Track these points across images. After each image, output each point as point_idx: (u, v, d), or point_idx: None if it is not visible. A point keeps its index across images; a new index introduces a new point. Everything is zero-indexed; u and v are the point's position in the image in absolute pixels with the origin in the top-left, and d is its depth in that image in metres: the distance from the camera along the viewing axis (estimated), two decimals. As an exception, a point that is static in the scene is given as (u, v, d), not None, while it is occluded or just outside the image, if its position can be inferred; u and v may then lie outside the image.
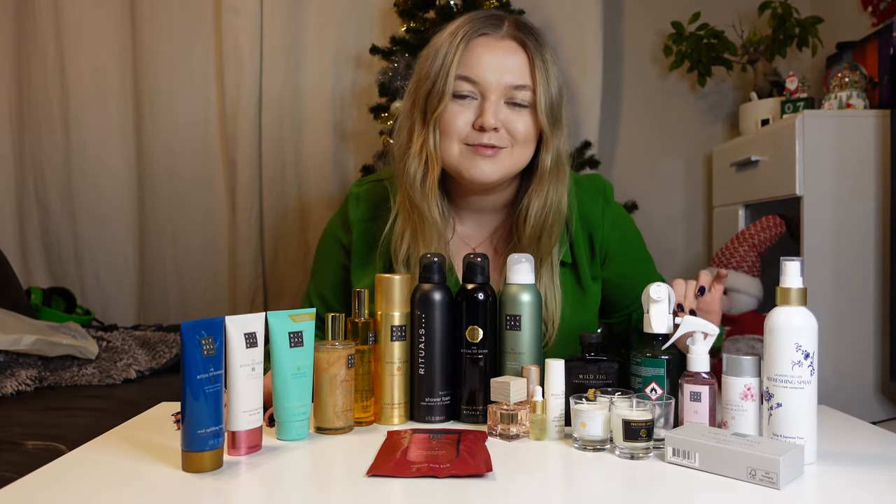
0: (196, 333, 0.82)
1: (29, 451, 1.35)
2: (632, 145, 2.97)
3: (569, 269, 1.19)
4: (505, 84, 1.08)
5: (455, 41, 1.09)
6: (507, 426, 0.94)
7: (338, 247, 1.25)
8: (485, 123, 1.07)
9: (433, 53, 1.11)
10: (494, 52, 1.09)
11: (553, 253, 1.15)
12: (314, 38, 2.80)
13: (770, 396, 0.85)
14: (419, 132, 1.12)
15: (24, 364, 1.86)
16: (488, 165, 1.09)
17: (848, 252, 2.13)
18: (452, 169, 1.12)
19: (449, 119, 1.09)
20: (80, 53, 2.85)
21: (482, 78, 1.08)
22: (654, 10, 2.92)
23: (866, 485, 0.79)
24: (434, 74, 1.09)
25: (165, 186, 2.89)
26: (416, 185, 1.12)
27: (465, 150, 1.10)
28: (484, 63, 1.08)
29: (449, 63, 1.08)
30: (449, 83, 1.08)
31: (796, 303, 0.85)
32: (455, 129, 1.09)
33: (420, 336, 1.03)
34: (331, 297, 1.26)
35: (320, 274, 1.28)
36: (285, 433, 0.95)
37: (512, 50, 1.10)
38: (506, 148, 1.10)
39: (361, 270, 1.20)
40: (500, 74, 1.08)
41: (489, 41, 1.10)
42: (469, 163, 1.10)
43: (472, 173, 1.10)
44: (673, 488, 0.78)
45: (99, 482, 0.80)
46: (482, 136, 1.08)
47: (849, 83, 2.26)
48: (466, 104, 1.10)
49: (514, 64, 1.09)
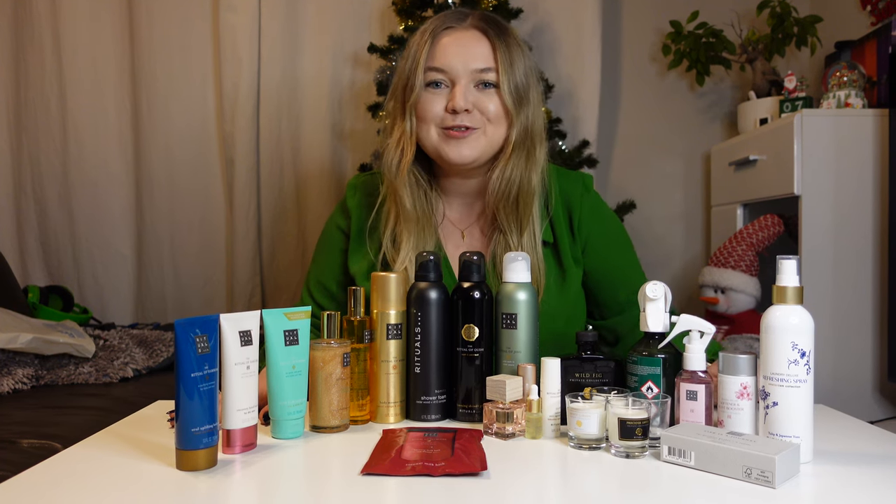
0: (190, 331, 0.81)
1: (24, 450, 1.35)
2: (630, 144, 2.97)
3: (550, 249, 1.24)
4: (471, 69, 1.16)
5: (424, 37, 1.18)
6: (503, 425, 0.94)
7: (339, 233, 1.31)
8: (456, 105, 1.15)
9: (407, 51, 1.21)
10: (459, 41, 1.18)
11: (535, 225, 1.21)
12: (312, 36, 2.80)
13: (766, 395, 0.85)
14: (398, 124, 1.21)
15: (20, 362, 1.85)
16: (464, 147, 1.17)
17: (846, 251, 2.13)
18: (433, 153, 1.20)
19: (424, 106, 1.18)
20: (78, 52, 2.84)
21: (449, 66, 1.16)
22: (652, 9, 2.92)
23: (862, 484, 0.78)
24: (408, 70, 1.19)
25: (163, 185, 2.88)
26: (392, 170, 1.20)
27: (441, 134, 1.18)
28: (450, 52, 1.17)
29: (419, 57, 1.17)
30: (419, 74, 1.17)
31: (792, 301, 0.84)
32: (430, 114, 1.17)
33: (416, 334, 1.02)
34: (334, 287, 1.30)
35: (321, 260, 1.33)
36: (280, 432, 0.94)
37: (475, 38, 1.18)
38: (479, 128, 1.17)
39: (357, 254, 1.26)
40: (465, 60, 1.16)
41: (454, 32, 1.19)
42: (446, 146, 1.17)
43: (451, 155, 1.17)
44: (668, 487, 0.78)
45: (92, 480, 0.80)
46: (455, 118, 1.16)
47: (847, 82, 2.25)
48: (439, 91, 1.18)
49: (478, 50, 1.17)
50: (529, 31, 2.74)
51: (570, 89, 2.77)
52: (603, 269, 1.26)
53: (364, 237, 1.26)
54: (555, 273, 1.22)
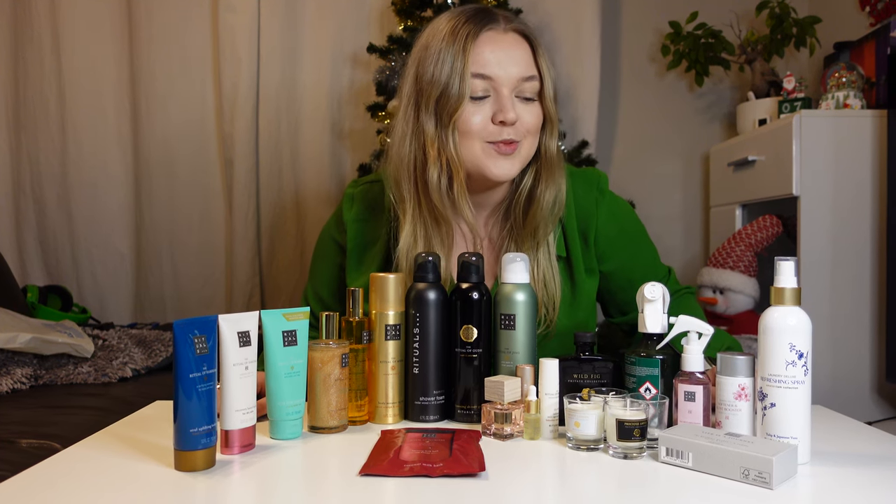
0: (189, 332, 0.81)
1: (23, 450, 1.35)
2: (629, 145, 2.97)
3: (563, 263, 1.19)
4: (516, 77, 1.09)
5: (459, 42, 1.07)
6: (501, 425, 0.94)
7: (334, 246, 1.25)
8: (507, 118, 1.07)
9: (433, 56, 1.09)
10: (501, 45, 1.09)
11: (549, 239, 1.16)
12: (312, 36, 2.80)
13: (764, 396, 0.85)
14: (432, 137, 1.10)
15: (19, 362, 1.85)
16: (509, 163, 1.10)
17: (845, 252, 2.13)
18: (473, 168, 1.11)
19: (468, 119, 1.08)
20: (77, 52, 2.84)
21: (495, 73, 1.08)
22: (651, 10, 2.92)
23: (859, 484, 0.78)
24: (445, 77, 1.07)
25: (162, 185, 2.88)
26: (442, 193, 1.11)
27: (486, 149, 1.10)
28: (494, 58, 1.08)
29: (462, 65, 1.07)
30: (466, 84, 1.07)
31: (790, 302, 0.85)
32: (475, 128, 1.09)
33: (414, 335, 1.02)
34: (328, 297, 1.27)
35: (317, 274, 1.29)
36: (279, 432, 0.94)
37: (517, 42, 1.11)
38: (520, 141, 1.11)
39: (356, 271, 1.21)
40: (509, 67, 1.08)
41: (494, 36, 1.10)
42: (491, 162, 1.10)
43: (495, 172, 1.10)
44: (666, 488, 0.78)
45: (91, 481, 0.80)
46: (503, 132, 1.09)
47: (846, 83, 2.26)
48: (484, 102, 1.09)
49: (520, 56, 1.10)
50: (529, 32, 2.74)
51: (570, 89, 2.77)
52: (623, 270, 1.23)
53: (363, 253, 1.20)
54: (567, 289, 1.18)
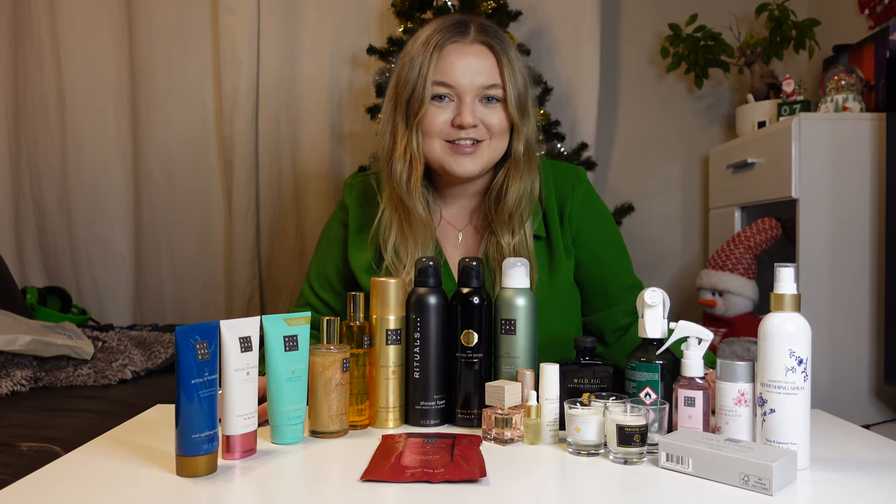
0: (190, 338, 0.82)
1: (23, 453, 1.35)
2: (628, 147, 2.97)
3: (543, 243, 1.26)
4: (478, 85, 1.18)
5: (428, 50, 1.18)
6: (502, 430, 0.94)
7: (340, 226, 1.34)
8: (463, 122, 1.17)
9: (409, 61, 1.21)
10: (465, 56, 1.19)
11: (526, 225, 1.24)
12: (311, 37, 2.80)
13: (763, 402, 0.85)
14: (402, 134, 1.21)
15: (19, 364, 1.85)
16: (469, 161, 1.20)
17: (843, 255, 2.13)
18: (437, 165, 1.22)
19: (430, 120, 1.19)
20: (77, 53, 2.84)
21: (456, 82, 1.18)
22: (651, 12, 2.92)
23: (859, 490, 0.79)
24: (413, 81, 1.19)
25: (162, 187, 2.88)
26: (402, 185, 1.21)
27: (445, 147, 1.20)
28: (458, 68, 1.18)
29: (426, 71, 1.18)
30: (427, 89, 1.17)
31: (790, 309, 0.85)
32: (435, 128, 1.19)
33: (415, 340, 1.03)
34: (332, 275, 1.33)
35: (323, 252, 1.36)
36: (280, 437, 0.95)
37: (482, 53, 1.20)
38: (484, 141, 1.20)
39: (355, 247, 1.30)
40: (472, 77, 1.18)
41: (459, 47, 1.20)
42: (451, 159, 1.20)
43: (455, 168, 1.20)
44: (666, 494, 0.78)
45: (92, 487, 0.80)
46: (460, 133, 1.18)
47: (845, 86, 2.26)
48: (444, 105, 1.19)
49: (483, 66, 1.19)
50: (528, 34, 2.74)
51: (569, 92, 2.77)
52: (594, 261, 1.28)
53: (362, 234, 1.29)
54: (545, 268, 1.25)
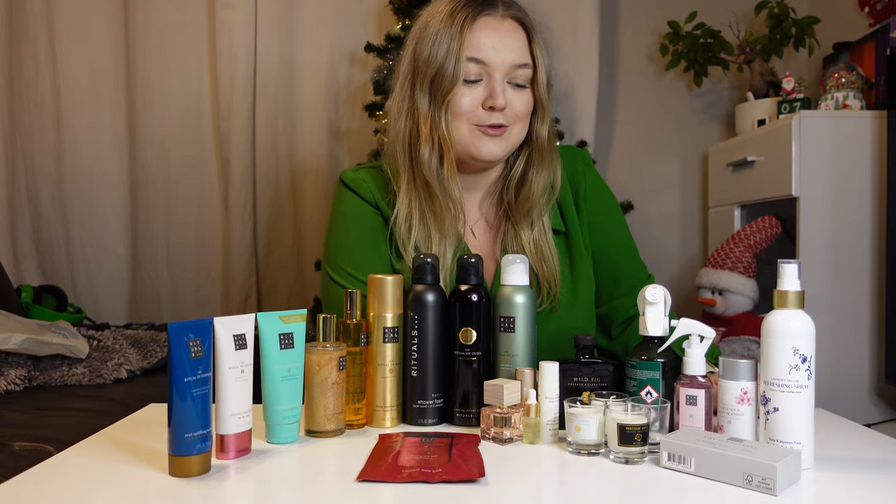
0: (183, 335, 0.80)
1: (16, 453, 1.33)
2: (628, 145, 2.96)
3: (562, 238, 1.22)
4: (509, 63, 1.11)
5: (457, 24, 1.10)
6: (501, 429, 0.93)
7: (377, 219, 1.19)
8: (496, 104, 1.10)
9: (432, 35, 1.12)
10: (497, 31, 1.12)
11: (545, 219, 1.19)
12: (309, 35, 2.79)
13: (767, 400, 0.84)
14: (426, 116, 1.13)
15: (13, 363, 1.84)
16: (495, 144, 1.13)
17: (844, 253, 2.12)
18: (461, 148, 1.14)
19: (459, 101, 1.11)
20: (72, 50, 2.83)
21: (489, 58, 1.11)
22: (650, 10, 2.91)
23: (863, 490, 0.77)
24: (441, 58, 1.10)
25: (158, 185, 2.87)
26: (432, 169, 1.13)
27: (474, 131, 1.13)
28: (490, 44, 1.11)
29: (457, 47, 1.09)
30: (461, 67, 1.10)
31: (794, 306, 0.83)
32: (465, 110, 1.12)
33: (413, 338, 1.01)
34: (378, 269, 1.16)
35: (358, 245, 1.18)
36: (275, 436, 0.93)
37: (513, 29, 1.13)
38: (510, 126, 1.14)
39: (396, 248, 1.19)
40: (503, 54, 1.11)
41: (491, 21, 1.12)
42: (478, 142, 1.13)
43: (482, 152, 1.13)
44: (668, 494, 0.77)
45: (84, 486, 0.79)
46: (491, 116, 1.12)
47: (845, 84, 2.25)
48: (476, 85, 1.12)
49: (515, 43, 1.12)
50: (527, 31, 2.73)
51: (568, 89, 2.76)
52: (607, 246, 1.24)
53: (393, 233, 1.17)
54: (566, 265, 1.20)
